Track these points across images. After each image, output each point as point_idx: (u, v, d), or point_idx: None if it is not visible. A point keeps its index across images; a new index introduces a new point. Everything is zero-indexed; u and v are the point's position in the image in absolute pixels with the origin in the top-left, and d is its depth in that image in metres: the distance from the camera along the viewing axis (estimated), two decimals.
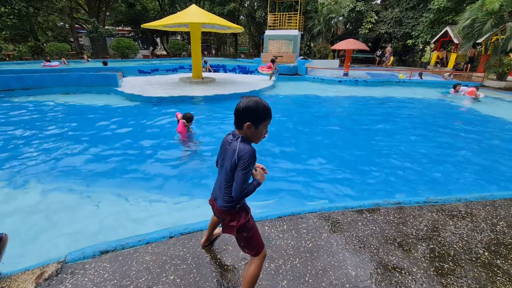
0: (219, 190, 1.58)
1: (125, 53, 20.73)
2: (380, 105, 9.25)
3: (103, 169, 4.11)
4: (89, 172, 4.00)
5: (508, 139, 5.99)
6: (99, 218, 2.97)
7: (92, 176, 3.91)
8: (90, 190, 3.53)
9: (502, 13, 11.41)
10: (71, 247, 2.38)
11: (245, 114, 1.42)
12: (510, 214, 2.70)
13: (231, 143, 1.48)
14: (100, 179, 3.84)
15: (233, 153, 1.43)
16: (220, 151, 1.60)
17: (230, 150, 1.46)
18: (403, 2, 21.47)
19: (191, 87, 10.16)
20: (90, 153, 4.67)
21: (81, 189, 3.54)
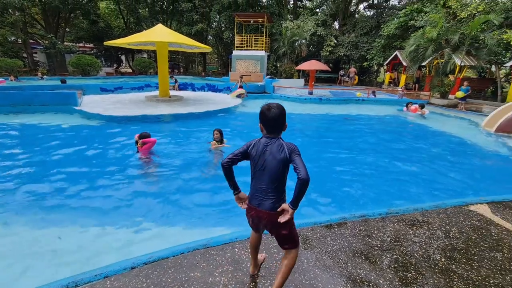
0: (264, 194, 1.66)
1: (86, 70, 19.72)
2: (342, 122, 9.81)
3: (57, 196, 3.74)
4: (41, 200, 3.60)
5: (451, 151, 6.66)
6: (51, 252, 2.65)
7: (43, 204, 3.52)
8: (41, 220, 3.16)
9: (440, 40, 13.09)
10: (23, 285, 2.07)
11: (283, 118, 1.67)
12: (461, 221, 2.95)
13: (270, 146, 1.64)
14: (53, 207, 3.48)
15: (280, 151, 1.61)
16: (257, 160, 1.67)
17: (274, 151, 1.62)
18: (358, 29, 23.62)
19: (157, 106, 9.90)
20: (44, 178, 4.24)
21: (30, 219, 3.16)
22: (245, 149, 1.70)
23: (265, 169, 1.64)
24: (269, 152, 1.63)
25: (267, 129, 1.69)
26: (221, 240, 2.35)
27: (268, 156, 1.63)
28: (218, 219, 3.36)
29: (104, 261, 2.12)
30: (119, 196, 3.80)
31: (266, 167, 1.63)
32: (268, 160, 1.62)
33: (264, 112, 1.66)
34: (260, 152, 1.66)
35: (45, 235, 2.92)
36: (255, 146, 1.69)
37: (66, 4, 20.70)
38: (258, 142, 1.69)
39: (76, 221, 3.20)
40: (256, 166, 1.68)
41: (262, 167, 1.65)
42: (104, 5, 28.35)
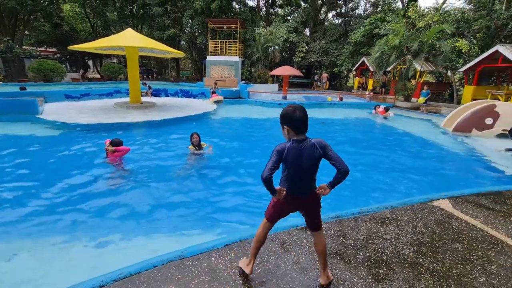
0: (306, 185, 1.83)
1: (48, 76, 18.44)
2: (316, 125, 10.10)
3: (12, 212, 3.42)
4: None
5: (416, 150, 7.13)
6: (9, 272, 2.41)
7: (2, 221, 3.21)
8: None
9: (401, 47, 14.05)
10: None
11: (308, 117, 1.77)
12: (426, 216, 3.14)
13: (303, 144, 1.74)
14: (4, 224, 3.17)
15: (313, 148, 1.73)
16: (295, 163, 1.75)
17: (309, 153, 1.73)
18: (328, 36, 24.65)
19: (128, 113, 9.51)
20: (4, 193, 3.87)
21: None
22: (279, 157, 1.74)
23: (301, 166, 1.75)
24: (305, 155, 1.73)
25: (296, 130, 1.75)
26: (197, 250, 2.29)
27: (304, 159, 1.74)
28: (193, 228, 3.28)
29: (69, 281, 1.96)
30: (84, 209, 3.57)
31: (302, 167, 1.76)
32: (305, 162, 1.74)
33: (291, 114, 1.73)
34: (296, 156, 1.74)
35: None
36: (288, 151, 1.73)
37: (25, 6, 19.32)
38: (291, 147, 1.74)
39: (33, 237, 2.94)
40: (293, 167, 1.77)
41: (299, 167, 1.76)
42: (68, 8, 26.86)
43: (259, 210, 3.79)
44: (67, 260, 2.68)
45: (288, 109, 1.76)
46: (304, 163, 1.74)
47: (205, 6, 23.63)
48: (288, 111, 1.75)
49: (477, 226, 2.97)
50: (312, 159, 1.74)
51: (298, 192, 1.84)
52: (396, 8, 21.96)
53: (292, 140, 1.75)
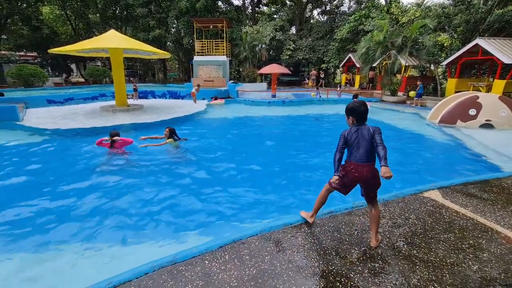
0: (369, 156, 2.31)
1: (29, 81, 17.76)
2: (310, 121, 10.13)
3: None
4: None
5: (403, 142, 7.24)
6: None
7: None
8: None
9: (386, 43, 14.27)
10: None
11: None
12: (417, 207, 3.17)
13: (361, 129, 2.32)
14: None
15: (368, 132, 2.29)
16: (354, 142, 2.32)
17: (364, 132, 2.30)
18: (314, 33, 24.82)
19: (115, 116, 9.27)
20: None
21: None
22: (344, 140, 2.35)
23: (360, 144, 2.31)
24: (361, 134, 2.31)
25: (358, 120, 2.35)
26: (189, 254, 2.22)
27: (360, 137, 2.30)
28: (184, 231, 3.20)
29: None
30: (70, 216, 3.43)
31: (359, 144, 2.31)
32: (361, 139, 2.30)
33: (357, 109, 2.33)
34: (355, 135, 2.32)
35: None
36: (349, 134, 2.35)
37: (1, 9, 18.56)
38: (350, 131, 2.35)
39: (14, 248, 2.80)
40: (352, 144, 2.33)
41: (357, 143, 2.31)
42: (48, 10, 25.94)
43: (250, 210, 3.74)
44: (52, 271, 2.55)
45: (355, 105, 2.36)
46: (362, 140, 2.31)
47: (190, 6, 23.34)
48: (355, 106, 2.34)
49: (467, 215, 3.02)
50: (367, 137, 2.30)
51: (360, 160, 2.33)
52: (379, 5, 22.31)
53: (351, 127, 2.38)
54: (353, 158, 2.34)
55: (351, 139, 2.33)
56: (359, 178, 2.34)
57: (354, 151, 2.33)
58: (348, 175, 2.36)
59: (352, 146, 2.34)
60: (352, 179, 2.36)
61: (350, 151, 2.36)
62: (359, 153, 2.31)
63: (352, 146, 2.34)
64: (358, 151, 2.31)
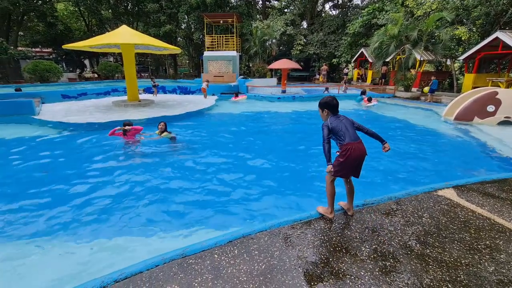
0: (358, 136, 2.64)
1: (44, 77, 18.27)
2: (315, 117, 10.02)
3: (13, 213, 3.37)
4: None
5: (417, 139, 7.05)
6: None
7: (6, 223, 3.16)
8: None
9: (401, 37, 13.86)
10: None
11: None
12: (431, 206, 3.09)
13: (341, 118, 2.65)
14: (15, 225, 3.13)
15: (346, 119, 2.67)
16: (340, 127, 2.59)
17: (345, 120, 2.65)
18: (325, 27, 24.35)
19: (126, 111, 9.42)
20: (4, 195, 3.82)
21: None
22: (328, 129, 2.60)
23: (347, 128, 2.58)
24: (343, 120, 2.64)
25: (333, 111, 2.68)
26: (199, 248, 2.24)
27: (345, 123, 2.61)
28: (194, 224, 3.23)
29: (70, 283, 1.92)
30: (83, 209, 3.52)
31: (347, 128, 2.59)
32: (347, 123, 2.62)
33: (330, 102, 2.65)
34: (338, 123, 2.60)
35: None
36: (332, 123, 2.61)
37: (18, 6, 19.06)
38: (332, 120, 2.63)
39: (30, 240, 2.90)
40: (341, 130, 2.58)
41: (345, 128, 2.58)
42: (63, 7, 26.48)
43: (259, 206, 3.74)
44: (66, 261, 2.63)
45: (328, 99, 2.67)
46: (347, 125, 2.61)
47: (200, 1, 23.31)
48: (328, 100, 2.65)
49: (483, 214, 2.92)
50: (350, 123, 2.65)
51: (354, 139, 2.59)
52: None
53: (329, 118, 2.66)
54: (349, 139, 2.57)
55: (337, 127, 2.59)
56: (361, 154, 2.60)
57: (346, 134, 2.57)
58: (352, 155, 2.54)
59: (341, 131, 2.59)
60: (355, 158, 2.57)
61: (342, 136, 2.59)
62: (351, 135, 2.59)
63: (342, 132, 2.59)
64: (349, 133, 2.58)
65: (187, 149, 6.03)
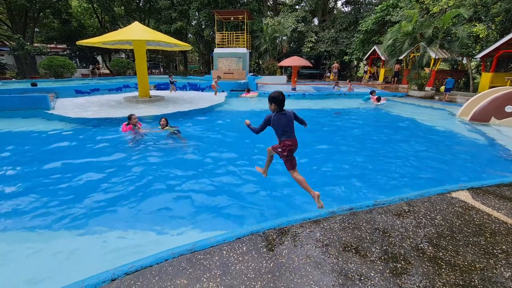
0: (292, 132, 3.08)
1: (59, 72, 18.72)
2: (330, 116, 9.90)
3: (28, 205, 3.48)
4: (15, 209, 3.34)
5: (431, 140, 6.88)
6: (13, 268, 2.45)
7: (18, 215, 3.26)
8: (13, 233, 2.93)
9: (415, 34, 13.49)
10: None
11: None
12: (444, 208, 3.01)
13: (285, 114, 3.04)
14: (26, 216, 3.23)
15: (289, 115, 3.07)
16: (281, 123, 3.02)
17: (287, 115, 3.05)
18: (337, 24, 23.99)
19: (137, 107, 9.55)
20: (19, 186, 3.94)
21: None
22: (268, 121, 3.07)
23: (287, 123, 3.03)
24: (286, 116, 3.03)
25: (280, 106, 3.01)
26: (208, 244, 2.25)
27: (285, 118, 3.03)
28: (203, 221, 3.25)
29: (81, 274, 1.96)
30: (93, 202, 3.59)
31: (287, 124, 3.04)
32: (287, 119, 3.04)
33: (278, 97, 2.96)
34: (280, 120, 3.02)
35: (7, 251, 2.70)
36: (274, 118, 3.03)
37: (34, 2, 19.53)
38: (276, 116, 3.03)
39: (42, 232, 2.98)
40: (280, 125, 3.02)
41: (285, 125, 3.02)
42: (76, 4, 26.98)
43: (268, 203, 3.73)
44: (78, 253, 2.70)
45: (276, 94, 2.97)
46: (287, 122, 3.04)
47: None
48: (276, 95, 2.96)
49: (500, 218, 2.82)
50: (290, 117, 3.08)
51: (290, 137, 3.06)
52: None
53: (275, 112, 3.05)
54: (288, 136, 3.05)
55: (277, 123, 3.02)
56: (295, 148, 3.12)
57: (286, 131, 3.03)
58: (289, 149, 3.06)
59: (279, 127, 3.03)
60: (291, 150, 3.09)
61: (279, 132, 3.06)
62: (290, 132, 3.06)
63: (280, 128, 3.03)
64: (289, 130, 3.04)
65: (196, 145, 6.07)
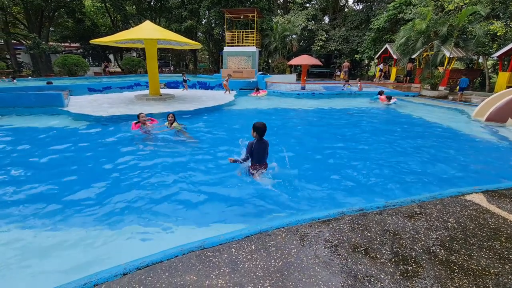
0: (264, 158, 3.88)
1: (72, 71, 19.19)
2: (343, 115, 9.80)
3: (41, 199, 3.59)
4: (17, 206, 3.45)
5: (445, 141, 6.71)
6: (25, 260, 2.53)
7: (21, 209, 3.37)
8: (15, 226, 3.03)
9: (429, 32, 13.18)
10: None
11: None
12: (457, 211, 2.93)
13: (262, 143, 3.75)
14: (38, 210, 3.33)
15: (265, 145, 3.81)
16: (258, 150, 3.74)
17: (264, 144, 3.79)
18: (348, 22, 23.66)
19: (148, 104, 9.69)
20: (34, 182, 4.08)
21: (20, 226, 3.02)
22: (250, 149, 3.71)
23: (260, 153, 3.75)
24: (262, 145, 3.75)
25: (260, 135, 3.66)
26: (217, 241, 2.27)
27: (263, 147, 3.77)
28: (212, 220, 3.28)
29: (92, 268, 2.02)
30: (105, 198, 3.67)
31: (261, 152, 3.77)
32: (263, 149, 3.79)
33: (260, 127, 3.62)
34: (258, 147, 3.72)
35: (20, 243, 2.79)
36: (254, 145, 3.71)
37: (49, 2, 20.06)
38: (255, 143, 3.71)
39: (56, 226, 3.07)
40: (257, 153, 3.75)
41: (260, 152, 3.75)
42: (90, 3, 27.56)
43: (276, 202, 3.72)
44: (90, 247, 2.77)
45: (259, 124, 3.62)
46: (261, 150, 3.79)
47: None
48: (259, 125, 3.61)
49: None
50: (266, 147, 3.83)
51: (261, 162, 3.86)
52: None
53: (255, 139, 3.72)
54: (261, 161, 3.84)
55: (256, 150, 3.70)
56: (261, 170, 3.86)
57: (260, 157, 3.78)
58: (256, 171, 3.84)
59: (256, 154, 3.73)
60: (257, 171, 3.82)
61: (254, 158, 3.77)
62: (263, 158, 3.84)
63: (256, 154, 3.74)
64: (262, 156, 3.80)
65: (204, 142, 6.12)
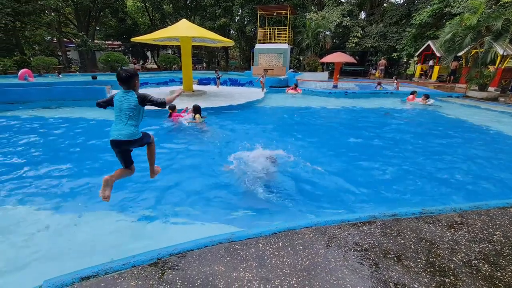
0: None
1: (114, 67, 20.60)
2: (380, 117, 9.39)
3: (87, 185, 3.93)
4: (74, 191, 3.81)
5: (491, 147, 6.12)
6: (80, 241, 2.79)
7: (79, 194, 3.71)
8: (75, 210, 3.34)
9: (480, 28, 12.01)
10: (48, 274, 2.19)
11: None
12: (506, 224, 2.68)
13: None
14: (85, 197, 3.66)
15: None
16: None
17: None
18: (387, 18, 22.39)
19: (181, 100, 10.08)
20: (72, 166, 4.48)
21: (67, 209, 3.35)
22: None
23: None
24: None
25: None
26: (245, 235, 2.32)
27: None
28: (238, 213, 3.35)
29: (127, 252, 2.17)
30: (141, 186, 3.90)
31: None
32: None
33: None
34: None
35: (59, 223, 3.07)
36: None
37: (96, 3, 21.64)
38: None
39: (96, 211, 3.33)
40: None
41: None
42: (131, 3, 29.29)
43: (304, 201, 3.69)
44: (128, 231, 2.98)
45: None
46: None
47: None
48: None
49: None
50: None
51: None
52: None
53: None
54: None
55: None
56: None
57: None
58: None
59: None
60: None
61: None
62: None
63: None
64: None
65: (233, 138, 6.22)
